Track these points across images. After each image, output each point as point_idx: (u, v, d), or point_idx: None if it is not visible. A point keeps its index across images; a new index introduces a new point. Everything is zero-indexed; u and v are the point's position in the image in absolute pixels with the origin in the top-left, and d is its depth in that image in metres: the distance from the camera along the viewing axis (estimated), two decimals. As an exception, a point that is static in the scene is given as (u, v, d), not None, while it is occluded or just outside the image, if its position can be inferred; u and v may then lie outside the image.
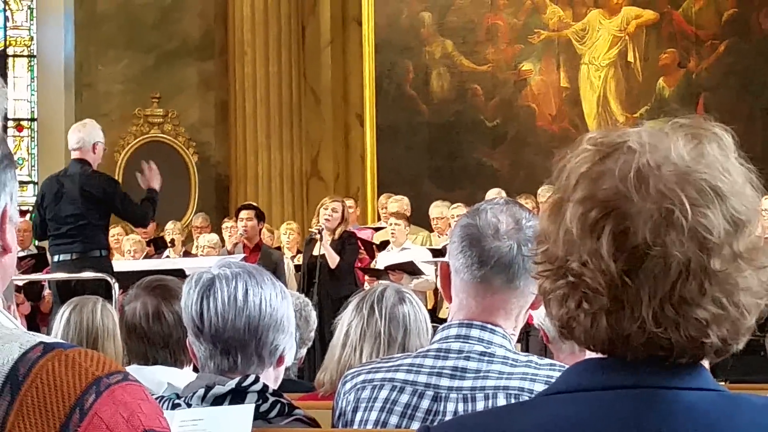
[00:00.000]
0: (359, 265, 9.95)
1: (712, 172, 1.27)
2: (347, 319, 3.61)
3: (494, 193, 9.83)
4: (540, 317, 3.11)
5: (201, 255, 10.45)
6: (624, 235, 1.25)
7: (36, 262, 9.25)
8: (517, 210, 2.36)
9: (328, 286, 9.30)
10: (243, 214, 10.02)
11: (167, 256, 11.08)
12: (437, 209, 10.86)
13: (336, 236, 9.50)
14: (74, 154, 8.02)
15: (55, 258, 8.01)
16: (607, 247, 1.25)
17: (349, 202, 11.01)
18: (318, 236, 9.54)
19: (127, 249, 10.76)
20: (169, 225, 11.91)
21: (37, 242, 11.13)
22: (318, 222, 9.70)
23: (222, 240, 11.00)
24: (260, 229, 10.12)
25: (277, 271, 9.15)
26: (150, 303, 3.33)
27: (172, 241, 11.55)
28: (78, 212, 7.87)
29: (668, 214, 1.25)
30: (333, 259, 9.39)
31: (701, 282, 1.25)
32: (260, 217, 10.09)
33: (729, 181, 1.27)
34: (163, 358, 3.32)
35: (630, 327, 1.26)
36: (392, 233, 10.17)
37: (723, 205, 1.26)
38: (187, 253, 11.39)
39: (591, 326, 1.27)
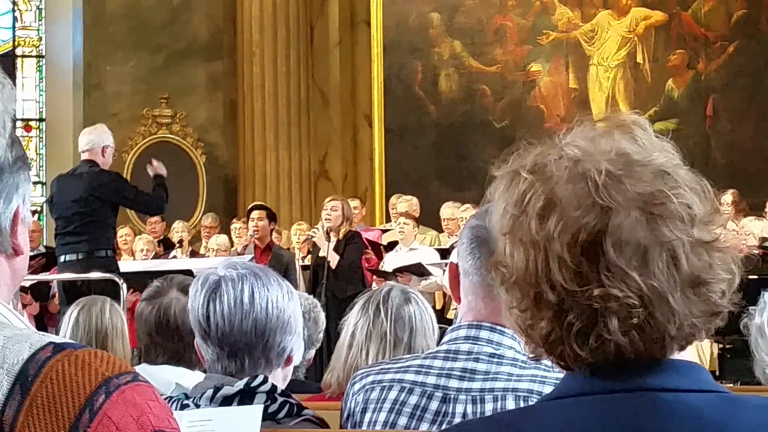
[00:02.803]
0: (367, 265, 9.95)
1: (661, 155, 1.29)
2: (353, 320, 3.61)
3: (503, 195, 9.79)
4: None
5: (212, 256, 10.45)
6: (624, 245, 1.25)
7: (46, 261, 9.25)
8: (526, 211, 2.35)
9: (335, 286, 9.29)
10: (254, 214, 10.01)
11: (174, 256, 11.08)
12: (448, 210, 10.88)
13: (340, 236, 9.50)
14: (84, 156, 8.08)
15: (61, 258, 8.02)
16: (621, 262, 1.25)
17: (354, 203, 11.00)
18: (314, 238, 9.55)
19: (139, 248, 10.79)
20: (177, 225, 11.91)
21: (45, 242, 11.14)
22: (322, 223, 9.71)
23: (231, 241, 11.00)
24: (271, 230, 10.12)
25: (288, 271, 9.15)
26: (184, 300, 3.26)
27: (180, 241, 11.55)
28: (85, 211, 7.89)
29: (654, 207, 1.26)
30: (333, 259, 9.38)
31: (705, 256, 1.26)
32: (271, 217, 10.09)
33: (673, 157, 1.30)
34: (189, 356, 3.28)
35: (668, 327, 1.26)
36: (401, 232, 10.20)
37: (684, 180, 1.28)
38: (194, 254, 11.39)
39: (623, 340, 1.26)
